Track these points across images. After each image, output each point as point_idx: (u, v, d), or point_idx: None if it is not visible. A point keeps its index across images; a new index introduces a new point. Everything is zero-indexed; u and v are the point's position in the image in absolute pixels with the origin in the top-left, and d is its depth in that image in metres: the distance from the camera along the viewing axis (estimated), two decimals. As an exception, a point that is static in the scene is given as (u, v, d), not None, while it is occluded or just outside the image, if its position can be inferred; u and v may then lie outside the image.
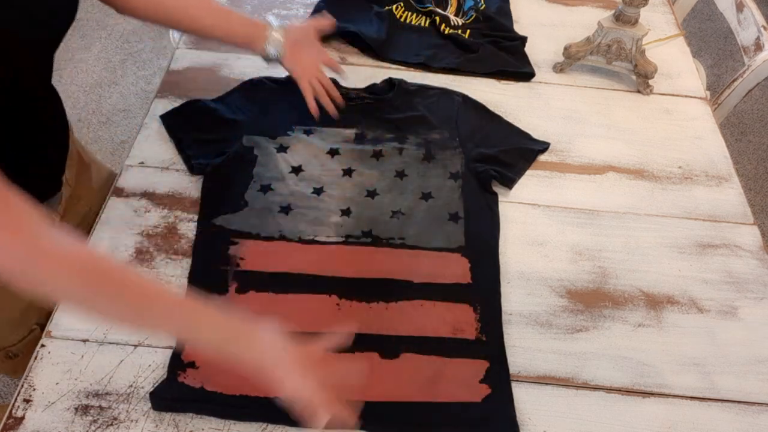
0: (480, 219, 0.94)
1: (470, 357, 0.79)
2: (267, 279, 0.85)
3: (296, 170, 0.98)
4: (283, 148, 1.00)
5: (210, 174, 0.96)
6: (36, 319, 0.89)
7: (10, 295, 0.80)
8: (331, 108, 1.03)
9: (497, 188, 1.00)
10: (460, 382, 0.77)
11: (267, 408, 0.73)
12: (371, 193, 0.96)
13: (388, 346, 0.79)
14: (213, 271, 0.85)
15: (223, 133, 1.01)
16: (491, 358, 0.80)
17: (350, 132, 1.04)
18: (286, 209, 0.93)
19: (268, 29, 0.96)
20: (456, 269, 0.88)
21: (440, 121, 1.06)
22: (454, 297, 0.85)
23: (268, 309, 0.81)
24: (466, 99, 1.11)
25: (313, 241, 0.89)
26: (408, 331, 0.81)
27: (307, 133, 1.03)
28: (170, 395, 0.74)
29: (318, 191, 0.96)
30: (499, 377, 0.78)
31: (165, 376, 0.75)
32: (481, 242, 0.92)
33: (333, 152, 1.01)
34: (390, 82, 1.12)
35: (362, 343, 0.79)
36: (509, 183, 1.00)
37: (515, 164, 1.03)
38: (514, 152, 1.04)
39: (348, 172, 0.99)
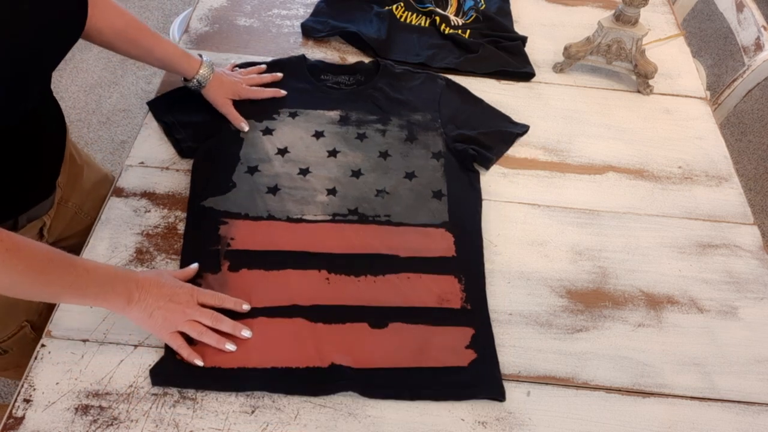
0: (462, 196, 0.97)
1: (456, 325, 0.82)
2: (258, 257, 0.87)
3: (282, 152, 1.00)
4: (269, 131, 1.03)
5: (199, 156, 0.98)
6: (25, 316, 0.90)
7: None
8: (274, 92, 1.07)
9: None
10: (447, 348, 0.80)
11: (265, 378, 0.75)
12: (356, 173, 0.98)
13: (377, 317, 0.81)
14: (205, 251, 0.87)
15: (211, 116, 1.03)
16: (476, 326, 0.82)
17: (334, 114, 1.06)
18: (273, 190, 0.95)
19: (201, 65, 1.00)
20: (441, 243, 0.90)
21: (423, 103, 1.09)
22: (440, 269, 0.87)
23: (260, 285, 0.83)
24: (449, 83, 1.14)
25: (300, 220, 0.92)
26: (396, 302, 0.83)
27: (293, 116, 1.05)
28: (169, 372, 0.75)
29: (304, 172, 0.98)
30: (485, 343, 0.81)
31: (162, 354, 0.77)
32: (464, 217, 0.94)
33: (318, 134, 1.03)
34: (377, 64, 1.14)
35: (352, 314, 0.81)
36: (487, 163, 1.03)
37: (494, 146, 1.05)
38: (494, 135, 1.06)
39: (333, 153, 1.01)
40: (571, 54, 1.20)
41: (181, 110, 1.04)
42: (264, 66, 1.11)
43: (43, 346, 0.77)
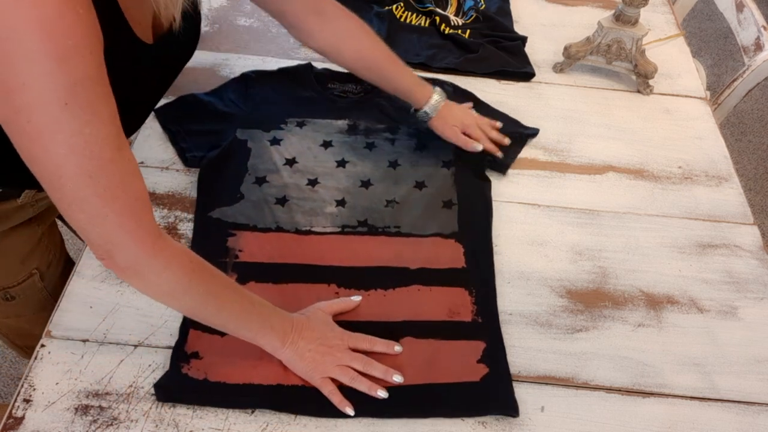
0: (473, 205, 0.96)
1: (467, 338, 0.81)
2: (266, 270, 0.86)
3: (290, 162, 0.99)
4: (276, 141, 1.02)
5: (205, 167, 0.97)
6: (36, 264, 0.92)
7: (15, 240, 0.87)
8: (490, 147, 1.02)
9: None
10: (459, 362, 0.78)
11: (271, 395, 0.74)
12: (365, 184, 0.97)
13: (387, 333, 0.80)
14: (212, 263, 0.85)
15: (217, 125, 1.02)
16: (488, 339, 0.81)
17: (342, 123, 1.05)
18: (281, 201, 0.94)
19: (431, 95, 0.99)
20: (450, 254, 0.89)
21: None
22: (450, 281, 0.86)
23: (268, 299, 0.81)
24: (456, 89, 1.13)
25: (309, 232, 0.91)
26: (406, 316, 0.82)
27: (300, 125, 1.04)
28: (174, 387, 0.74)
29: (312, 182, 0.97)
30: (496, 357, 0.79)
31: (168, 368, 0.76)
32: (474, 228, 0.93)
33: (326, 144, 1.02)
34: None
35: (362, 330, 0.80)
36: (503, 169, 1.02)
37: (507, 150, 1.04)
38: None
39: (342, 164, 1.00)
40: (571, 54, 1.20)
41: (188, 119, 1.03)
42: (500, 124, 1.06)
43: (42, 346, 0.77)
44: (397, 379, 0.75)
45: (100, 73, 0.56)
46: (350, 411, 0.73)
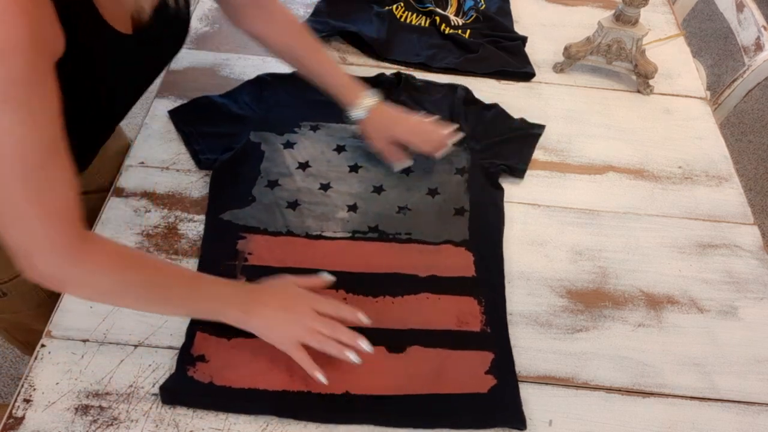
0: (485, 213, 0.95)
1: (475, 349, 0.80)
2: (275, 274, 0.85)
3: (303, 166, 0.99)
4: (290, 144, 1.01)
5: (218, 169, 0.97)
6: None
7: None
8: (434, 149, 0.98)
9: (510, 181, 1.01)
10: (466, 373, 0.78)
11: (277, 401, 0.74)
12: (378, 189, 0.97)
13: (394, 341, 0.79)
14: (221, 265, 0.85)
15: (231, 128, 1.02)
16: (496, 350, 0.80)
17: (356, 128, 1.04)
18: (293, 205, 0.93)
19: (363, 95, 0.96)
20: (460, 262, 0.88)
21: (445, 118, 1.06)
22: (459, 290, 0.85)
23: None
24: (468, 92, 1.13)
25: (320, 237, 0.90)
26: (414, 324, 0.82)
27: (314, 129, 1.04)
28: (179, 389, 0.74)
29: (325, 187, 0.96)
30: (505, 368, 0.79)
31: (173, 370, 0.75)
32: (485, 236, 0.92)
33: (339, 149, 1.02)
34: (398, 76, 1.13)
35: (369, 337, 0.78)
36: (520, 174, 1.02)
37: (520, 152, 1.04)
38: (516, 141, 1.06)
39: (354, 168, 0.99)
40: (571, 54, 1.20)
41: (202, 121, 1.03)
42: (454, 126, 1.00)
43: (43, 346, 0.77)
44: (363, 345, 0.73)
45: (43, 75, 0.54)
46: (322, 378, 0.72)
